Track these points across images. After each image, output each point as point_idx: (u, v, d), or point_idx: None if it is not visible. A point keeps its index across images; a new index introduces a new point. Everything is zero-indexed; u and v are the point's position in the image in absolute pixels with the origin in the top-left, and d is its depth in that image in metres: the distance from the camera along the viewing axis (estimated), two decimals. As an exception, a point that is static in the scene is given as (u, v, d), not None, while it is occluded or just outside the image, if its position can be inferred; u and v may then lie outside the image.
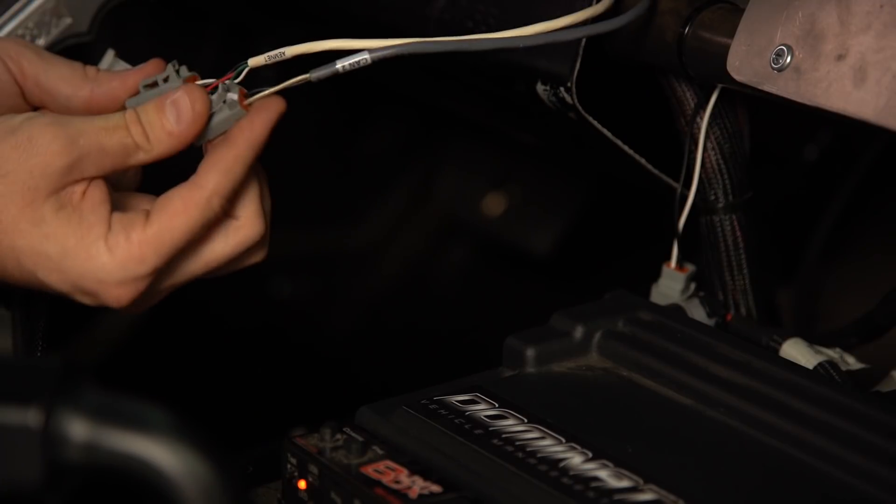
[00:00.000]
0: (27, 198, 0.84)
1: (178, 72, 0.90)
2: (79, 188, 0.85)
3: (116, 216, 0.85)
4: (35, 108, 0.91)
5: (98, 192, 0.86)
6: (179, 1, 1.53)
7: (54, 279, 0.85)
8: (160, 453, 0.64)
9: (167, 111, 0.87)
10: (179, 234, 0.85)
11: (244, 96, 0.90)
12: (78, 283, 0.85)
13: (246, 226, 0.89)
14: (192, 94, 0.88)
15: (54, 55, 0.91)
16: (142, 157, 0.87)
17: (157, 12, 1.57)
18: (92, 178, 0.85)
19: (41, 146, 0.84)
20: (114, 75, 0.91)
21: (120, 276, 0.84)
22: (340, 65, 0.87)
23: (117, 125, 0.86)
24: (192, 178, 0.86)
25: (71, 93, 0.90)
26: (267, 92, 0.89)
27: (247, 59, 0.89)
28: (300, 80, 0.88)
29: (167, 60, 0.91)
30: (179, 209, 0.85)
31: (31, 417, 0.63)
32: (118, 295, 0.85)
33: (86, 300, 0.86)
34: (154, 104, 0.87)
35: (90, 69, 0.91)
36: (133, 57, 0.95)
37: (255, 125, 0.89)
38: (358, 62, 0.87)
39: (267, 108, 0.90)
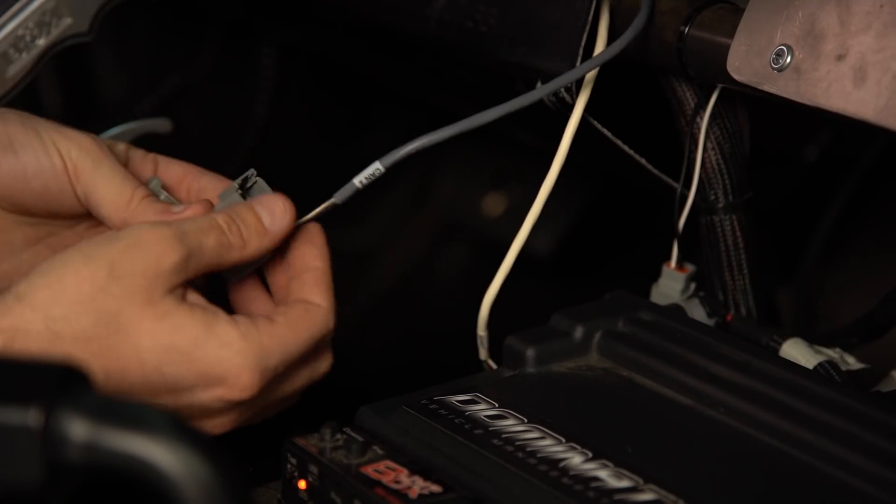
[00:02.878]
0: (147, 296, 0.84)
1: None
2: (187, 288, 0.86)
3: (238, 315, 0.86)
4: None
5: (198, 294, 0.87)
6: (179, 1, 1.53)
7: (182, 371, 0.84)
8: (160, 453, 0.64)
9: (260, 211, 0.90)
10: (303, 339, 0.87)
11: None
12: (208, 371, 0.84)
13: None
14: (283, 198, 0.91)
15: (113, 168, 0.92)
16: (235, 256, 0.89)
17: (157, 12, 1.57)
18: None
19: (150, 247, 0.84)
20: (154, 211, 0.92)
21: (253, 362, 0.84)
22: (357, 181, 0.93)
23: (212, 225, 0.88)
24: (302, 297, 0.89)
25: (107, 216, 0.92)
26: (305, 219, 0.93)
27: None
28: (328, 206, 0.93)
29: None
30: (304, 320, 0.88)
31: (31, 417, 0.63)
32: (246, 381, 0.84)
33: (207, 394, 0.85)
34: (246, 206, 0.90)
35: (138, 193, 0.92)
36: (133, 57, 0.95)
37: (325, 254, 0.93)
38: (373, 173, 0.93)
39: (314, 232, 0.93)
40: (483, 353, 1.04)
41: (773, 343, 1.01)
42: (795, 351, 0.99)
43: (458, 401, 0.92)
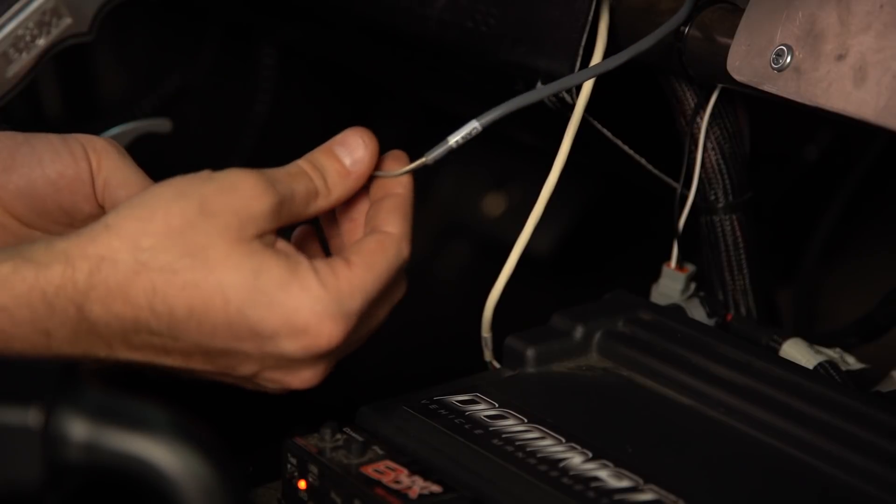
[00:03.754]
0: (236, 235, 0.83)
1: None
2: (276, 235, 0.86)
3: (317, 260, 0.86)
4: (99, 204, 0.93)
5: (287, 243, 0.87)
6: (179, 1, 1.53)
7: (264, 314, 0.83)
8: (160, 453, 0.64)
9: (339, 153, 0.89)
10: (380, 276, 0.86)
11: None
12: (292, 317, 0.83)
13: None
14: (362, 132, 0.90)
15: (134, 163, 0.92)
16: (321, 203, 0.88)
17: (157, 12, 1.57)
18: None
19: (245, 190, 0.84)
20: None
21: (335, 309, 0.84)
22: (453, 140, 0.91)
23: (300, 172, 0.87)
24: (376, 225, 0.88)
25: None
26: (390, 174, 0.90)
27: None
28: (419, 164, 0.91)
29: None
30: (378, 254, 0.87)
31: (31, 417, 0.63)
32: (330, 330, 0.83)
33: (291, 343, 0.84)
34: (322, 150, 0.89)
35: None
36: (133, 57, 0.95)
37: (407, 180, 0.91)
38: (470, 132, 0.90)
39: (399, 158, 0.92)
40: (488, 355, 1.04)
41: (773, 343, 1.01)
42: (795, 351, 0.99)
43: (458, 401, 0.92)
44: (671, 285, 1.08)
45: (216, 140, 1.62)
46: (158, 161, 0.92)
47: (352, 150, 0.89)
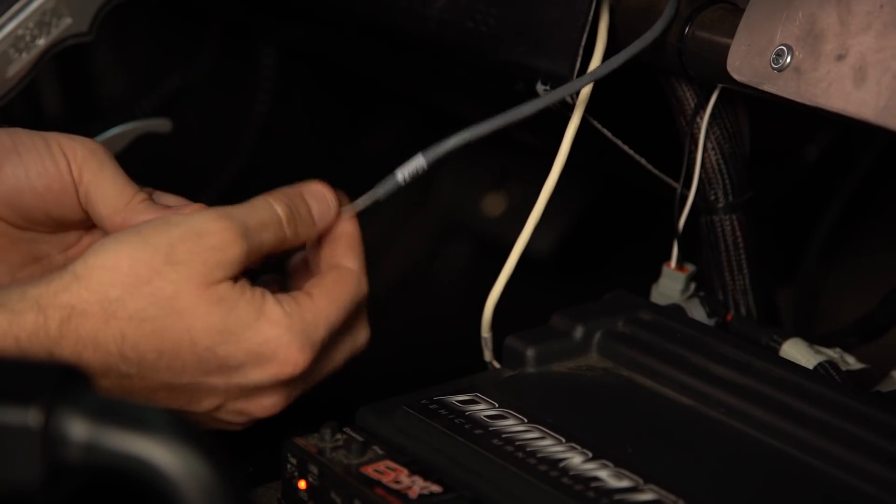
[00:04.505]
0: (203, 281, 0.85)
1: None
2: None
3: (280, 294, 0.88)
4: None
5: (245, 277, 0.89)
6: (179, 1, 1.52)
7: (233, 350, 0.85)
8: (160, 453, 0.64)
9: (311, 202, 0.93)
10: (342, 307, 0.90)
11: None
12: (258, 349, 0.86)
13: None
14: (328, 189, 0.94)
15: (117, 171, 0.93)
16: (286, 247, 0.91)
17: (156, 12, 1.57)
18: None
19: (213, 237, 0.86)
20: (154, 210, 0.93)
21: (300, 340, 0.86)
22: (400, 175, 0.94)
23: (273, 221, 0.89)
24: (334, 263, 0.92)
25: (105, 215, 0.93)
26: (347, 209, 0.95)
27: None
28: (371, 201, 0.96)
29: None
30: (338, 287, 0.90)
31: (31, 417, 0.63)
32: (297, 358, 0.86)
33: (257, 372, 0.86)
34: (299, 196, 0.92)
35: (139, 196, 0.93)
36: (133, 57, 0.96)
37: (355, 218, 0.96)
38: (416, 169, 0.93)
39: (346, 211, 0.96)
40: (488, 355, 1.04)
41: (773, 343, 1.01)
42: (795, 351, 0.99)
43: (458, 401, 0.92)
44: (671, 285, 1.08)
45: (216, 140, 1.62)
46: (158, 161, 0.92)
47: (319, 202, 0.93)
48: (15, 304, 0.83)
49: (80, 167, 0.92)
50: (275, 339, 0.86)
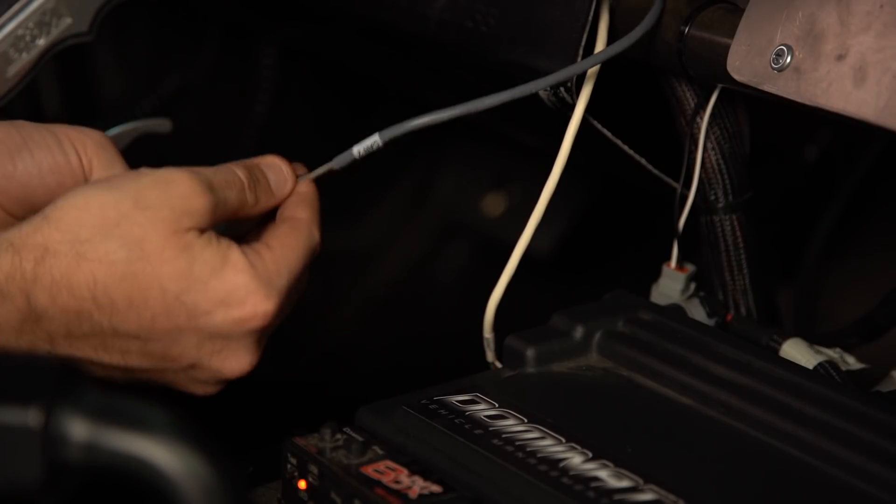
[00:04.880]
0: (170, 228, 0.87)
1: None
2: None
3: (242, 246, 0.91)
4: None
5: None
6: (179, 1, 1.53)
7: (199, 298, 0.87)
8: (160, 453, 0.64)
9: (268, 173, 0.96)
10: (299, 255, 0.92)
11: None
12: (226, 298, 0.87)
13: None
14: (285, 162, 0.98)
15: (125, 165, 0.95)
16: (247, 212, 0.94)
17: (156, 12, 1.57)
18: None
19: (181, 187, 0.88)
20: None
21: (266, 288, 0.88)
22: (356, 150, 0.98)
23: (235, 181, 0.92)
24: (287, 215, 0.95)
25: None
26: (304, 178, 0.98)
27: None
28: (326, 170, 0.98)
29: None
30: (292, 236, 0.93)
31: (31, 417, 0.63)
32: (265, 306, 0.88)
33: (224, 317, 0.88)
34: (257, 166, 0.95)
35: None
36: (133, 57, 0.96)
37: (311, 181, 0.98)
38: (371, 146, 0.97)
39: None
40: (490, 356, 1.04)
41: (773, 343, 1.01)
42: (795, 351, 0.99)
43: (458, 401, 0.92)
44: (671, 285, 1.08)
45: (216, 140, 1.62)
46: (158, 161, 0.92)
47: (277, 173, 0.96)
48: None
49: (90, 161, 0.93)
50: (242, 286, 0.88)
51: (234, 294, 0.87)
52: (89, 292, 0.85)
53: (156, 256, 0.86)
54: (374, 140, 0.97)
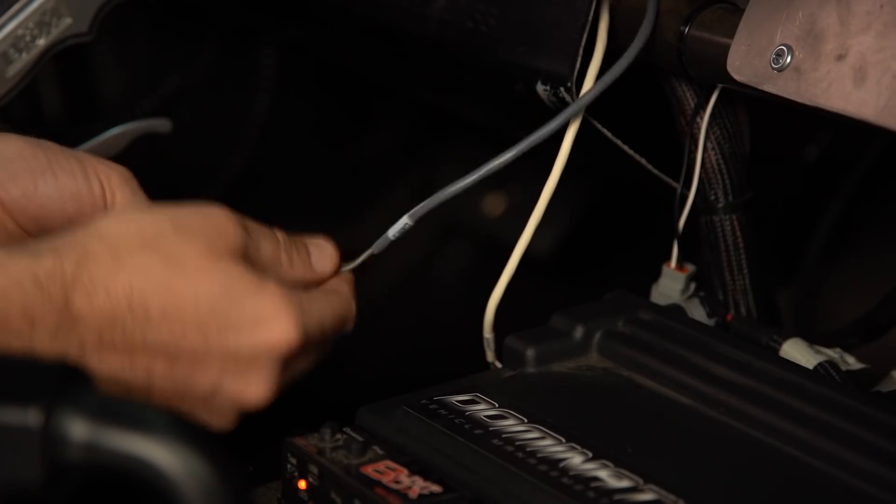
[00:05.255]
0: (208, 247, 0.87)
1: None
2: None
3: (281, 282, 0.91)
4: None
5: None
6: (179, 1, 1.52)
7: (232, 314, 0.86)
8: (160, 453, 0.64)
9: (311, 248, 0.96)
10: (332, 311, 0.92)
11: None
12: (257, 318, 0.87)
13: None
14: (332, 244, 0.97)
15: (146, 199, 0.95)
16: (280, 272, 0.92)
17: (156, 13, 1.57)
18: None
19: (217, 216, 0.88)
20: None
21: (296, 315, 0.87)
22: (391, 233, 1.01)
23: (271, 234, 0.92)
24: (329, 287, 0.95)
25: None
26: (348, 268, 0.99)
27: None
28: (367, 256, 1.01)
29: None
30: (333, 293, 0.94)
31: (31, 417, 0.63)
32: (291, 331, 0.87)
33: (250, 336, 0.87)
34: (299, 239, 0.95)
35: None
36: (133, 57, 0.96)
37: (350, 276, 0.99)
38: (403, 227, 1.01)
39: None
40: (490, 356, 1.04)
41: (773, 343, 1.01)
42: (795, 351, 0.99)
43: (458, 401, 0.92)
44: (671, 285, 1.08)
45: (216, 140, 1.62)
46: (158, 161, 0.92)
47: (321, 251, 0.96)
48: (33, 247, 0.84)
49: (113, 193, 0.94)
50: (273, 307, 0.87)
51: (266, 315, 0.87)
52: (125, 298, 0.85)
53: (193, 272, 0.86)
54: (406, 222, 1.00)
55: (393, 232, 1.00)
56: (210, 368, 0.87)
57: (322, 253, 0.96)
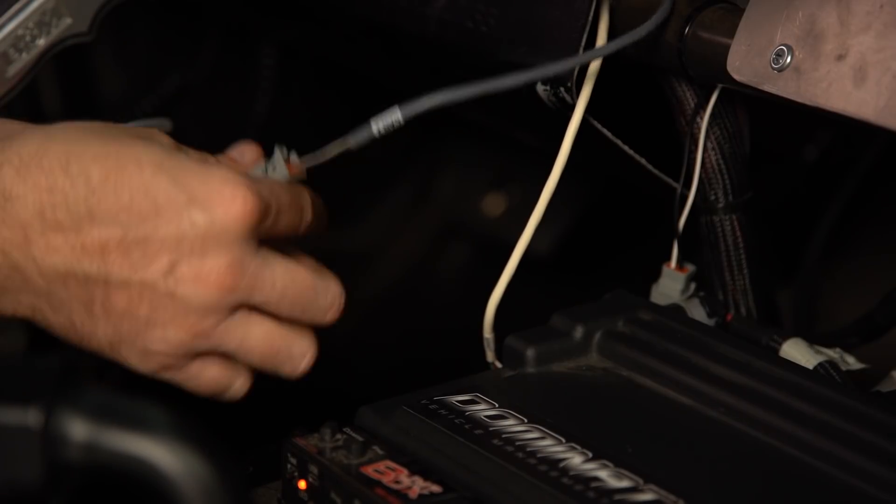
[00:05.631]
0: (142, 135, 0.86)
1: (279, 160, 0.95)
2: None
3: None
4: None
5: None
6: (179, 1, 1.53)
7: (178, 176, 0.84)
8: (160, 453, 0.64)
9: (234, 154, 0.96)
10: (289, 190, 0.91)
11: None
12: (205, 180, 0.84)
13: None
14: (255, 145, 0.97)
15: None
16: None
17: (157, 12, 1.57)
18: None
19: (153, 131, 0.89)
20: None
21: (247, 185, 0.85)
22: (375, 126, 0.90)
23: (201, 153, 0.91)
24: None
25: None
26: (319, 160, 0.95)
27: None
28: (342, 148, 0.94)
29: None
30: (290, 187, 0.92)
31: (31, 417, 0.63)
32: (244, 197, 0.84)
33: (204, 212, 0.84)
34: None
35: None
36: (133, 57, 0.96)
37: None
38: (392, 123, 0.89)
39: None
40: (490, 356, 1.04)
41: (773, 343, 1.01)
42: (795, 351, 0.99)
43: (458, 401, 0.92)
44: (671, 285, 1.08)
45: (216, 140, 1.62)
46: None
47: (242, 151, 0.98)
48: None
49: None
50: (222, 176, 0.84)
51: (213, 179, 0.84)
52: (60, 166, 0.82)
53: (133, 143, 0.84)
54: (395, 115, 0.89)
55: (377, 125, 0.90)
56: (165, 239, 0.83)
57: (243, 152, 0.96)
